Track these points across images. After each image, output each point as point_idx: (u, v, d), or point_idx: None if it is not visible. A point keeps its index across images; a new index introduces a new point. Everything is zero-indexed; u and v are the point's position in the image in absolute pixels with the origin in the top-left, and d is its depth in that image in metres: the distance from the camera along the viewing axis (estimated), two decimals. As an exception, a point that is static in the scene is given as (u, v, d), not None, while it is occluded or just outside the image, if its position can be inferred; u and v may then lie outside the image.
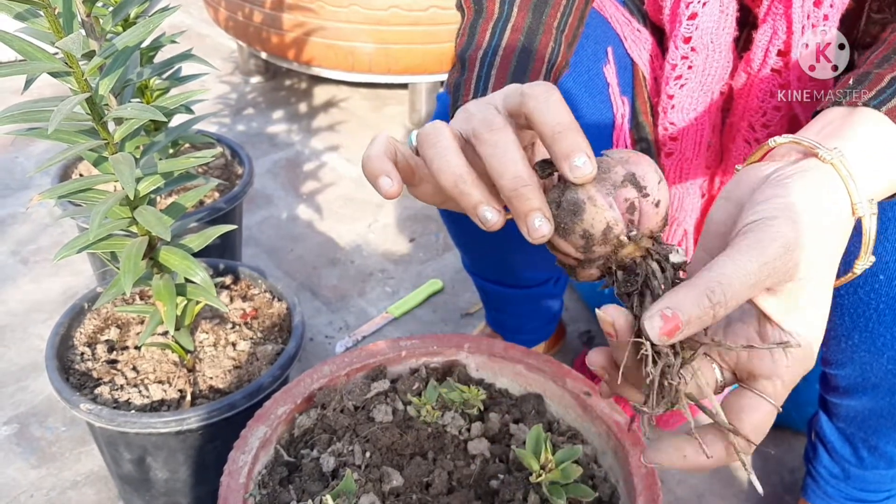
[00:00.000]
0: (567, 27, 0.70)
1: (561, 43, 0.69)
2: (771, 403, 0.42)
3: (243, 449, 0.69)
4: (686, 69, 0.75)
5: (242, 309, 0.99)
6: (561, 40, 0.69)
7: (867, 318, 0.67)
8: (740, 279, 0.39)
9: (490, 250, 0.97)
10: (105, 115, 0.70)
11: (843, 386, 0.76)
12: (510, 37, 0.66)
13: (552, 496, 0.63)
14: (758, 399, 0.42)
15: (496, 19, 0.67)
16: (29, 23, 0.65)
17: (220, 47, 2.39)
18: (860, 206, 0.43)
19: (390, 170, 0.45)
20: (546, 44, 0.67)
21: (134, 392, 0.86)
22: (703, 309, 0.38)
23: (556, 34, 0.68)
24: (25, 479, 1.03)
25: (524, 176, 0.42)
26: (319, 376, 0.77)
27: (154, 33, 0.99)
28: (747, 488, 1.04)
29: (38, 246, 1.49)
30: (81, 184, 0.74)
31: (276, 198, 1.67)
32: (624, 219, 0.42)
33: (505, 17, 0.67)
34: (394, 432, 0.70)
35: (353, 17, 1.74)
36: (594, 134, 0.82)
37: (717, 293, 0.38)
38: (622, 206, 0.42)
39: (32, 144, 1.81)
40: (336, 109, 2.05)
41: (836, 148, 0.44)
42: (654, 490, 0.65)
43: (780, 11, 0.68)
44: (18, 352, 1.23)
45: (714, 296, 0.38)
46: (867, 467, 0.82)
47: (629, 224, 0.42)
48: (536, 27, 0.67)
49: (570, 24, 0.70)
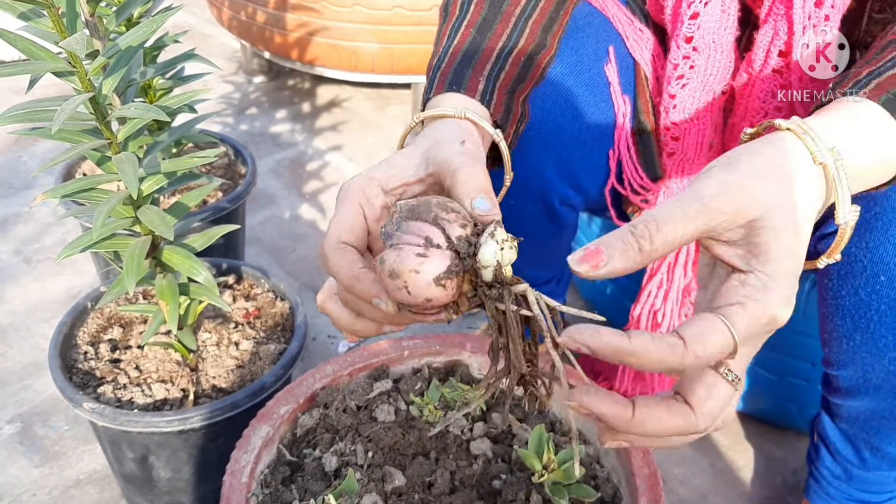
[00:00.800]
0: (537, 10, 0.69)
1: (527, 27, 0.68)
2: (725, 324, 0.41)
3: (246, 448, 0.69)
4: (688, 69, 0.75)
5: (245, 308, 0.99)
6: (526, 24, 0.68)
7: (868, 319, 0.67)
8: (665, 217, 0.41)
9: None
10: (108, 114, 0.70)
11: (845, 387, 0.76)
12: (463, 32, 0.66)
13: (554, 496, 0.63)
14: (717, 322, 0.41)
15: (455, 19, 0.68)
16: (33, 22, 0.65)
17: (224, 47, 2.39)
18: (819, 154, 0.44)
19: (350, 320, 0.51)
20: (501, 32, 0.66)
21: (137, 391, 0.86)
22: (626, 242, 0.40)
23: (517, 21, 0.67)
24: (28, 478, 1.03)
25: (349, 295, 0.48)
26: (322, 376, 0.77)
27: (157, 33, 0.99)
28: (751, 489, 1.03)
29: (42, 245, 1.49)
30: (85, 183, 0.74)
31: (279, 197, 1.68)
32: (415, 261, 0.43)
33: (462, 14, 0.68)
34: (396, 432, 0.71)
35: (357, 17, 1.74)
36: (596, 133, 0.82)
37: (639, 228, 0.40)
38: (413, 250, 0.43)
39: (36, 144, 1.81)
40: (339, 109, 2.06)
41: (798, 119, 0.45)
42: (656, 490, 0.65)
43: (782, 12, 0.68)
44: (22, 351, 1.23)
45: (636, 230, 0.40)
46: (869, 468, 0.82)
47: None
48: (493, 18, 0.67)
49: (541, 8, 0.69)
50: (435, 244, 0.43)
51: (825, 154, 0.44)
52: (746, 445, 1.09)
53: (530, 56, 0.68)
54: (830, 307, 0.71)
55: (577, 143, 0.81)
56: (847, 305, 0.68)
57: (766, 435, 1.10)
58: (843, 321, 0.69)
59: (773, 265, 0.42)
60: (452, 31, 0.67)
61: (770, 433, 1.11)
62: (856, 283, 0.66)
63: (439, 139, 0.52)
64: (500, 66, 0.64)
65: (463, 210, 0.45)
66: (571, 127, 0.80)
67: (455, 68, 0.63)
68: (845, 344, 0.70)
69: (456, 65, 0.63)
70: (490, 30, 0.66)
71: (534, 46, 0.68)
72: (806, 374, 0.99)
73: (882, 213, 0.63)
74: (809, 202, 0.44)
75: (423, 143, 0.52)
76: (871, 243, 0.64)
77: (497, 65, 0.64)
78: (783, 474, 1.05)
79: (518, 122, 0.66)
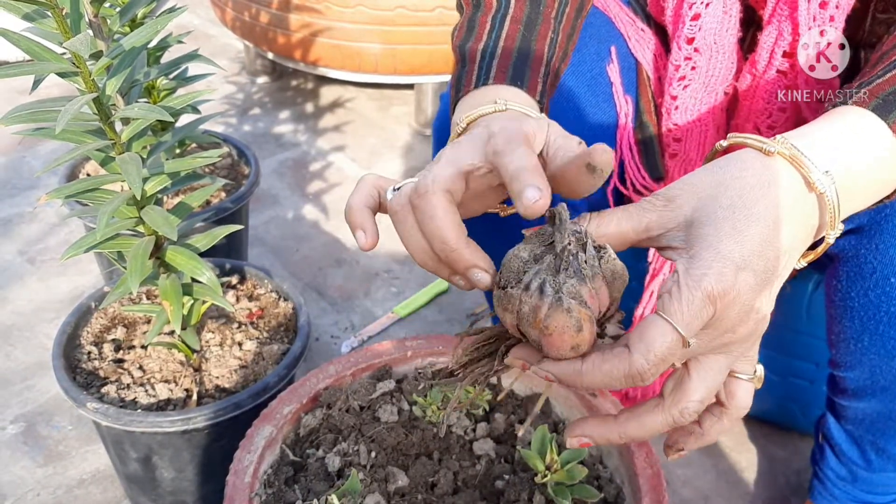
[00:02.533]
0: (564, 17, 0.69)
1: (559, 33, 0.68)
2: (663, 318, 0.41)
3: (249, 448, 0.69)
4: (689, 70, 0.75)
5: (248, 309, 0.99)
6: (559, 30, 0.68)
7: (878, 320, 0.67)
8: (609, 221, 0.45)
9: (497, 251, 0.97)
10: (112, 115, 0.70)
11: (852, 388, 0.75)
12: (510, 27, 0.66)
13: (557, 497, 0.63)
14: (656, 318, 0.42)
15: (495, 11, 0.67)
16: (37, 23, 0.65)
17: (227, 48, 2.39)
18: (767, 145, 0.44)
19: (366, 222, 0.49)
20: (545, 34, 0.66)
21: (140, 391, 0.86)
22: None
23: (554, 24, 0.68)
24: (32, 478, 1.03)
25: (450, 241, 0.45)
26: (325, 376, 0.77)
27: (161, 34, 0.99)
28: (753, 490, 1.03)
29: (46, 245, 1.49)
30: (89, 183, 0.74)
31: (282, 198, 1.68)
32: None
33: (504, 8, 0.67)
34: (399, 432, 0.71)
35: (360, 17, 1.75)
36: (598, 134, 0.82)
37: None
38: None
39: (40, 144, 1.82)
40: (342, 110, 2.06)
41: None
42: (659, 491, 0.65)
43: (786, 14, 0.68)
44: (25, 351, 1.24)
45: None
46: (875, 470, 0.82)
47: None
48: (535, 18, 0.67)
49: (567, 14, 0.69)
50: (584, 303, 0.43)
51: (773, 145, 0.45)
52: (749, 446, 1.09)
53: (562, 60, 0.68)
54: (839, 309, 0.70)
55: None
56: (856, 307, 0.68)
57: (769, 436, 1.10)
58: (852, 323, 0.69)
59: (697, 247, 0.42)
60: (496, 22, 0.66)
61: (773, 434, 1.10)
62: (865, 285, 0.66)
63: (492, 132, 0.49)
64: (546, 70, 0.64)
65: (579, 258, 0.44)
66: (573, 127, 0.79)
67: (515, 63, 0.62)
68: (853, 346, 0.70)
69: (515, 59, 0.62)
70: (535, 29, 0.66)
71: (563, 52, 0.69)
72: (809, 375, 0.99)
73: (892, 215, 0.62)
74: (756, 190, 0.44)
75: (475, 136, 0.50)
76: (882, 245, 0.64)
77: (546, 68, 0.64)
78: (786, 475, 1.05)
79: None
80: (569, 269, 0.43)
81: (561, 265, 0.43)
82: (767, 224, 0.42)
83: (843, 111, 0.48)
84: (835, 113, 0.48)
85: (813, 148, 0.45)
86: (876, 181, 0.47)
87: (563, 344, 0.42)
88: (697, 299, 0.41)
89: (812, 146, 0.45)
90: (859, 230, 0.66)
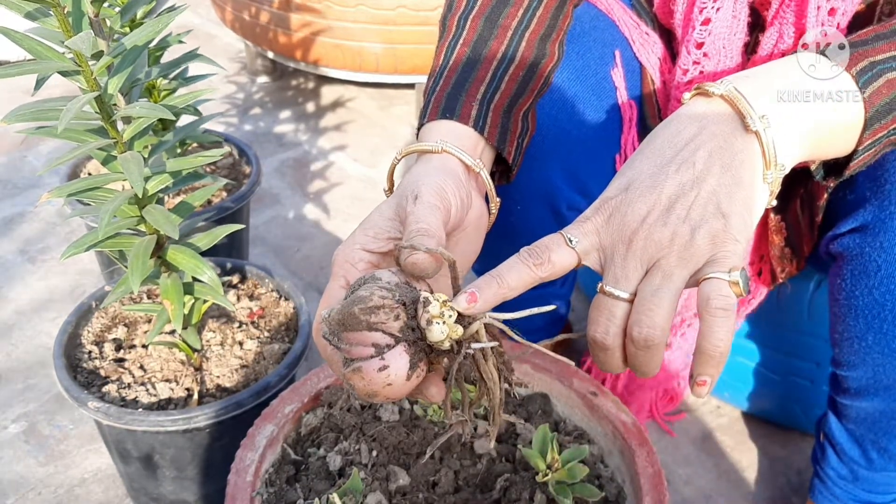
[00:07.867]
0: (531, 25, 0.69)
1: (519, 44, 0.68)
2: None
3: (250, 447, 0.69)
4: (698, 74, 0.75)
5: (249, 308, 0.99)
6: (520, 41, 0.68)
7: (882, 319, 0.67)
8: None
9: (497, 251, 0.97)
10: (114, 114, 0.70)
11: (855, 387, 0.75)
12: (458, 51, 0.67)
13: (558, 496, 0.63)
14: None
15: (452, 37, 0.69)
16: (39, 22, 0.65)
17: (228, 47, 2.39)
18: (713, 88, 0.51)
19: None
20: (496, 50, 0.67)
21: (141, 390, 0.86)
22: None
23: (513, 35, 0.68)
24: (34, 477, 1.03)
25: None
26: (326, 375, 0.77)
27: (161, 33, 0.99)
28: (755, 489, 1.03)
29: (47, 244, 1.49)
30: (90, 182, 0.74)
31: (283, 197, 1.68)
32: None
33: (457, 34, 0.68)
34: (400, 431, 0.71)
35: (361, 17, 1.75)
36: (602, 138, 0.82)
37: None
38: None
39: (42, 143, 1.82)
40: (343, 109, 2.06)
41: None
42: (660, 490, 0.65)
43: (790, 20, 0.68)
44: (27, 350, 1.24)
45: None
46: (876, 469, 0.82)
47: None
48: (488, 34, 0.68)
49: (538, 19, 0.70)
50: (384, 346, 0.43)
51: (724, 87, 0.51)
52: (751, 446, 1.09)
53: (530, 69, 0.68)
54: (843, 308, 0.70)
55: (583, 148, 0.80)
56: (860, 306, 0.68)
57: (770, 435, 1.10)
58: (856, 322, 0.69)
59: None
60: (448, 49, 0.67)
61: (774, 434, 1.10)
62: (870, 283, 0.66)
63: (406, 191, 0.53)
64: (494, 86, 0.65)
65: (386, 299, 0.44)
66: (578, 132, 0.79)
67: (449, 93, 0.63)
68: (857, 344, 0.70)
69: (450, 89, 0.63)
70: (485, 47, 0.67)
71: (532, 58, 0.68)
72: (810, 375, 0.99)
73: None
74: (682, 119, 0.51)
75: (396, 196, 0.54)
76: (886, 243, 0.64)
77: (492, 85, 0.65)
78: (787, 475, 1.05)
79: (520, 136, 0.66)
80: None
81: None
82: (672, 131, 0.50)
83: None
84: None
85: (747, 78, 0.51)
86: (812, 111, 0.51)
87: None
88: (591, 207, 0.50)
89: (746, 76, 0.52)
90: (864, 228, 0.66)
